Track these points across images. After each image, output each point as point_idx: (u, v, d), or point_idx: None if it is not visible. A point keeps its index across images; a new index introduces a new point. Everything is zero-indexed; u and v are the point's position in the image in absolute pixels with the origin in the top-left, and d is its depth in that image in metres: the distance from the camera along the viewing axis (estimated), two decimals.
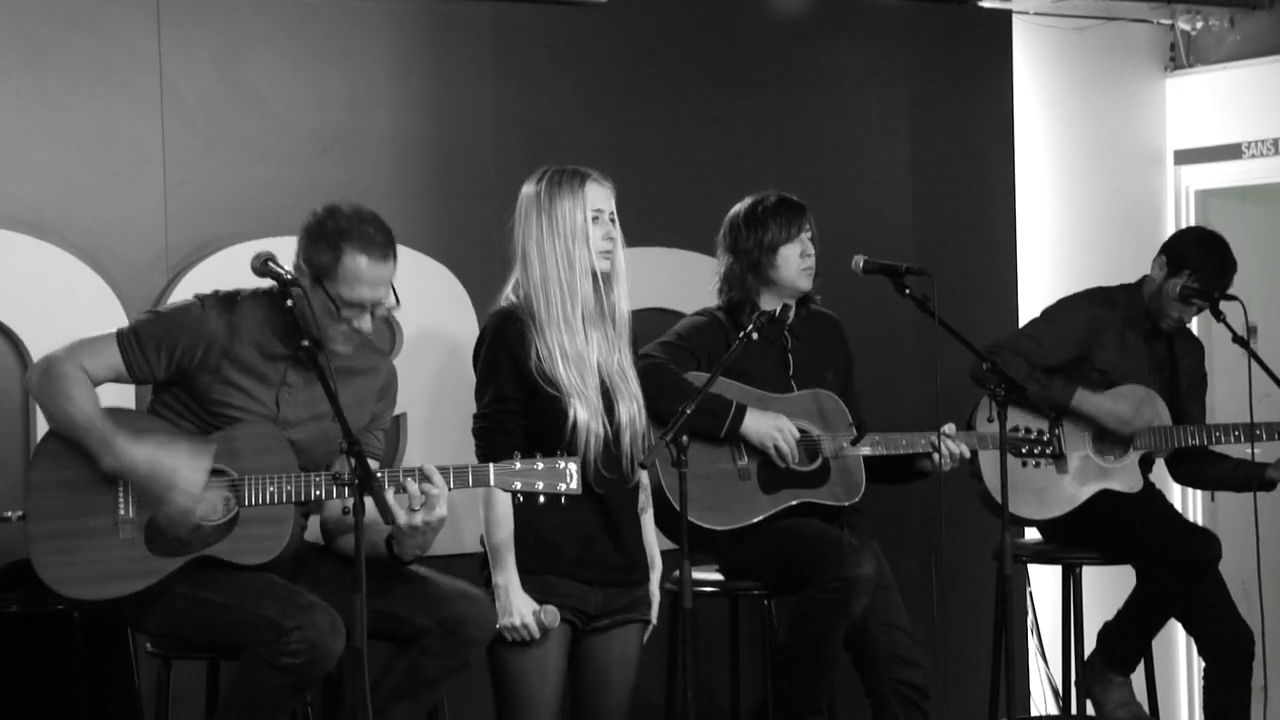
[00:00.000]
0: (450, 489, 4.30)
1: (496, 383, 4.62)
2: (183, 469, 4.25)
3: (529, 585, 4.58)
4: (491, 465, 4.34)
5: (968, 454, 5.28)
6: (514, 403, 4.60)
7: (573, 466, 4.35)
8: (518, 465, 4.33)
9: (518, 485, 4.33)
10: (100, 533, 4.29)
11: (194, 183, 5.41)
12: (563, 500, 4.36)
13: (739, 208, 5.36)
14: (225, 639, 4.27)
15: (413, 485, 4.25)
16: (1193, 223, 7.24)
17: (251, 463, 4.31)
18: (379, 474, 4.21)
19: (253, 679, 4.20)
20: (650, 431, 4.89)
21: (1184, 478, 6.14)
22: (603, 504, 4.62)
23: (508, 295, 4.69)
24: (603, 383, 4.65)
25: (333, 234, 4.33)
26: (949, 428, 5.25)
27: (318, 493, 4.30)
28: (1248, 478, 5.84)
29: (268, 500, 4.28)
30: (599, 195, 4.66)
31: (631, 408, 4.68)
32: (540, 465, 4.33)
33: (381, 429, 4.62)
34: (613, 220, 4.67)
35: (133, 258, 5.32)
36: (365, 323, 4.38)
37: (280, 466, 4.31)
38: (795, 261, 5.27)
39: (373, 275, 4.34)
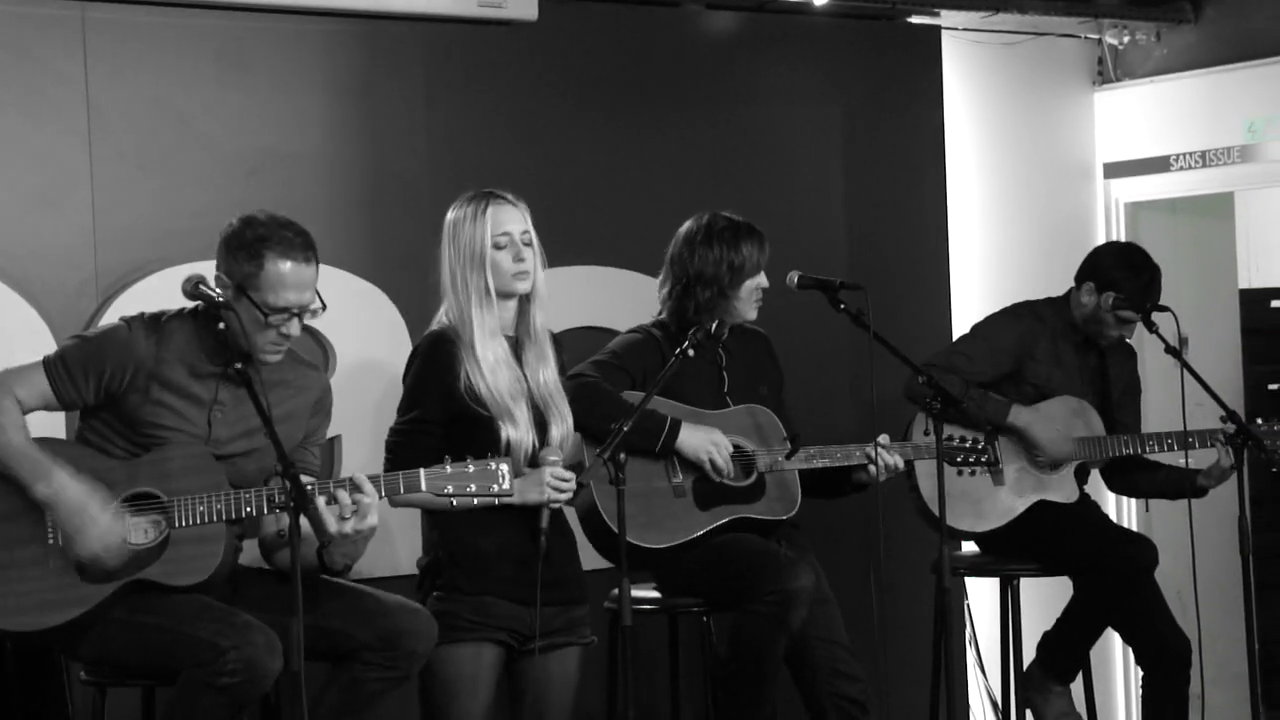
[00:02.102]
0: (381, 496, 4.28)
1: (420, 404, 4.64)
2: (104, 523, 4.22)
3: (466, 606, 4.56)
4: (422, 469, 4.32)
5: (902, 465, 5.29)
6: (434, 425, 4.61)
7: (504, 467, 4.34)
8: (449, 469, 4.31)
9: (449, 489, 4.31)
10: (30, 563, 4.25)
11: (123, 207, 5.37)
12: (496, 502, 4.34)
13: (704, 225, 5.27)
14: (161, 661, 4.24)
15: (344, 495, 4.23)
16: (1122, 235, 7.29)
17: (181, 483, 4.28)
18: (310, 485, 4.19)
19: (190, 700, 4.17)
20: (586, 450, 4.88)
21: (1119, 487, 6.18)
22: (535, 523, 4.59)
23: (440, 318, 4.69)
24: (535, 404, 4.64)
25: (252, 242, 4.32)
26: (884, 438, 5.26)
27: (249, 509, 4.27)
28: (1180, 485, 5.87)
29: (198, 520, 4.25)
30: (504, 217, 4.65)
31: (563, 428, 4.68)
32: (471, 468, 4.32)
33: (317, 444, 4.60)
34: (526, 242, 4.65)
35: (61, 283, 5.28)
36: (293, 327, 4.36)
37: (211, 486, 4.28)
38: (752, 293, 5.25)
39: (297, 279, 4.32)
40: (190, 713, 4.17)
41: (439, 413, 4.61)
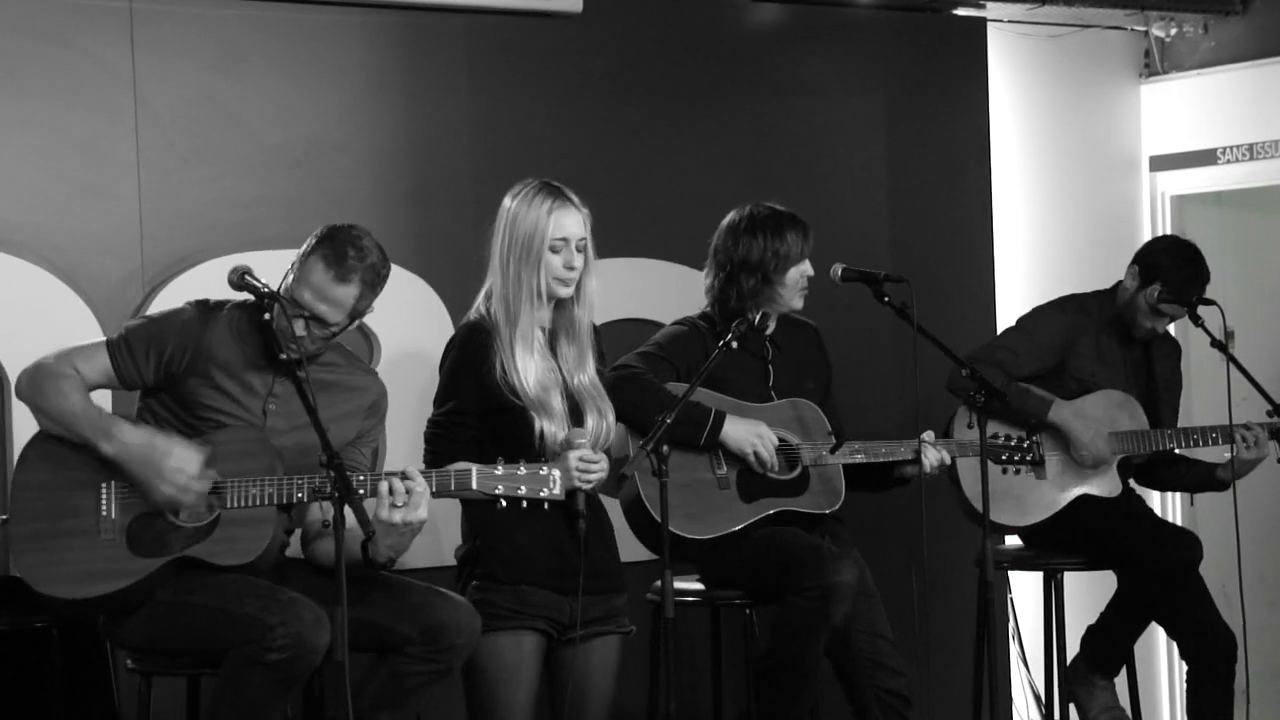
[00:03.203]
0: (433, 491, 4.29)
1: (456, 395, 4.64)
2: (177, 451, 4.26)
3: (504, 595, 4.57)
4: (473, 469, 4.33)
5: (948, 460, 5.27)
6: (471, 416, 4.62)
7: (556, 473, 4.35)
8: (499, 470, 4.33)
9: (499, 490, 4.32)
10: (82, 533, 4.30)
11: (169, 198, 5.40)
12: (545, 506, 4.35)
13: (747, 215, 5.26)
14: (209, 641, 4.27)
15: (396, 482, 4.25)
16: (1168, 228, 7.26)
17: (235, 466, 4.32)
18: (361, 478, 4.22)
19: (239, 678, 4.19)
20: (631, 442, 4.88)
21: (1146, 481, 6.12)
22: (570, 511, 4.60)
23: (479, 305, 4.69)
24: (571, 397, 4.64)
25: (321, 239, 4.39)
26: (928, 435, 5.25)
27: (299, 495, 4.30)
28: (1199, 479, 5.86)
29: (250, 502, 4.29)
30: (567, 221, 4.63)
31: (600, 424, 4.67)
32: (523, 471, 4.34)
33: (368, 445, 4.62)
34: (580, 249, 4.64)
35: (108, 273, 5.32)
36: (296, 327, 4.36)
37: (264, 470, 4.32)
38: (798, 281, 5.25)
39: (321, 286, 4.35)
40: (240, 691, 4.20)
41: (474, 404, 4.61)
